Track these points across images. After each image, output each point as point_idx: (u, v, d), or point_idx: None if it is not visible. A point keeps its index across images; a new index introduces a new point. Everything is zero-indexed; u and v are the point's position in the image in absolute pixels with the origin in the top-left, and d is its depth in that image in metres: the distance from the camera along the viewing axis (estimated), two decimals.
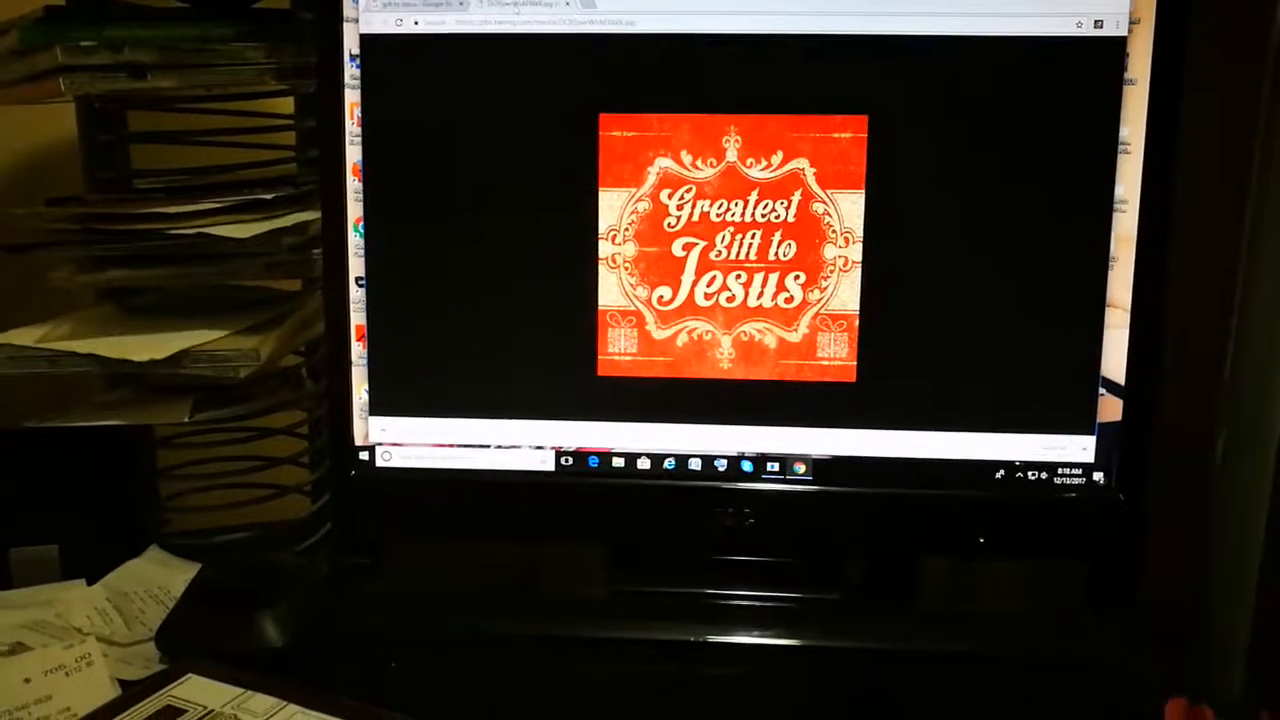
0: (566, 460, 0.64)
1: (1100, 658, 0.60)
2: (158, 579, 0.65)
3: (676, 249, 0.61)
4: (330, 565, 0.68)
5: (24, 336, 0.65)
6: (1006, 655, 0.60)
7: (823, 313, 0.61)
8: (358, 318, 0.63)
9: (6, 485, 0.66)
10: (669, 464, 0.63)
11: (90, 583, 0.65)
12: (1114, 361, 0.60)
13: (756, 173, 0.60)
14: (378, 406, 0.64)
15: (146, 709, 0.48)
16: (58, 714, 0.51)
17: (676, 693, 0.58)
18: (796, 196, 0.60)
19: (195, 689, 0.49)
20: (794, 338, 0.61)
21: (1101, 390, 0.60)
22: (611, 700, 0.57)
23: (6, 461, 0.66)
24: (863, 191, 0.59)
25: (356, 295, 0.63)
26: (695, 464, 0.63)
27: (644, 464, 0.63)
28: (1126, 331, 0.59)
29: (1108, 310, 0.59)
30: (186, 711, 0.47)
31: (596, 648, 0.60)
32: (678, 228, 0.61)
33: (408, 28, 0.60)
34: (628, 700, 0.57)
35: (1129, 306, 0.59)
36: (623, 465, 0.63)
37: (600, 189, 0.61)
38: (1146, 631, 0.60)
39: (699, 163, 0.60)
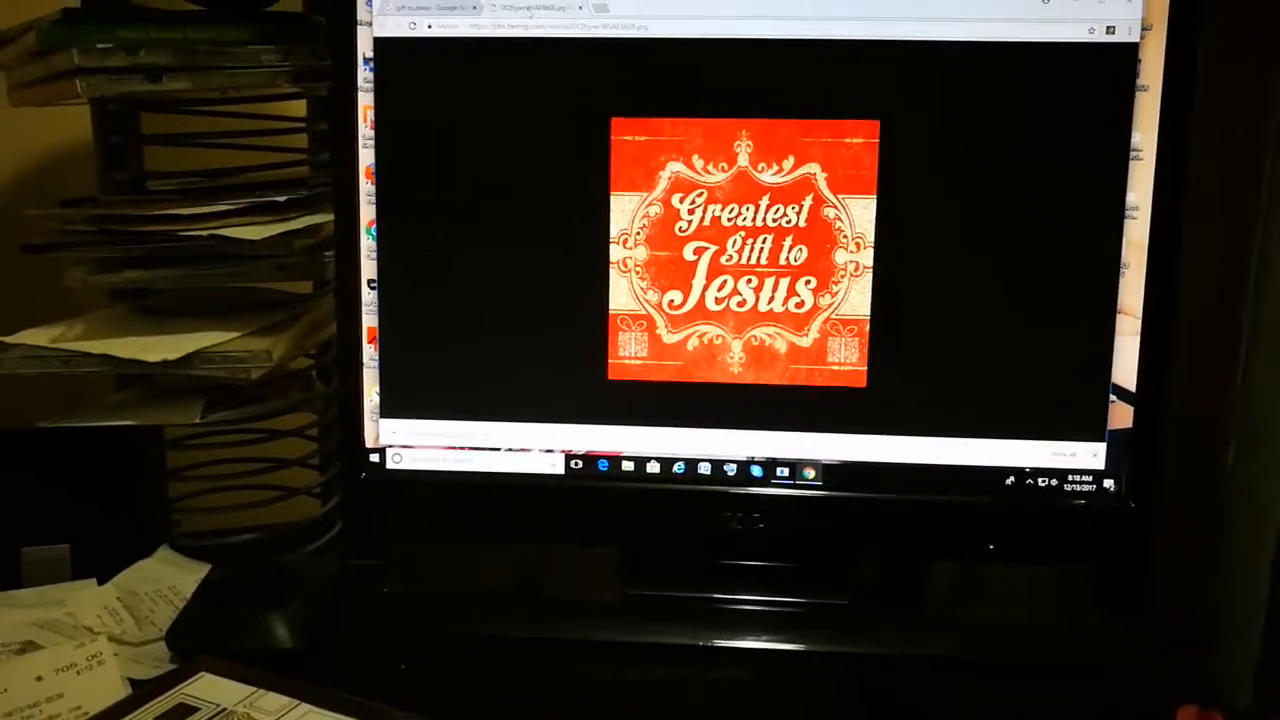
0: (576, 463, 0.64)
1: (1110, 664, 0.59)
2: (168, 579, 0.65)
3: (688, 253, 0.61)
4: (340, 567, 0.68)
5: (38, 336, 0.65)
6: (1015, 661, 0.59)
7: (833, 318, 0.61)
8: (369, 320, 0.63)
9: (18, 485, 0.66)
10: (678, 468, 0.63)
11: (101, 582, 0.65)
12: (1125, 368, 0.60)
13: (768, 177, 0.60)
14: (389, 409, 0.64)
15: (159, 706, 0.48)
16: (69, 712, 0.51)
17: (684, 697, 0.58)
18: (808, 201, 0.60)
19: (207, 687, 0.49)
20: (804, 342, 0.61)
21: (1112, 397, 0.60)
22: (619, 704, 0.57)
23: (18, 462, 0.66)
24: (874, 196, 0.59)
25: (368, 298, 0.63)
26: (705, 468, 0.63)
27: (654, 468, 0.63)
28: (1137, 338, 0.59)
29: (1119, 317, 0.59)
30: (199, 709, 0.47)
31: (605, 651, 0.60)
32: (689, 232, 0.61)
33: (421, 31, 0.61)
34: (636, 704, 0.57)
35: (1140, 313, 0.59)
36: (632, 469, 0.63)
37: (612, 193, 0.61)
38: (1157, 638, 0.60)
39: (710, 167, 0.60)
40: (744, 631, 0.62)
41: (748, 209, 0.60)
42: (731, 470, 0.63)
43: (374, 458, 0.64)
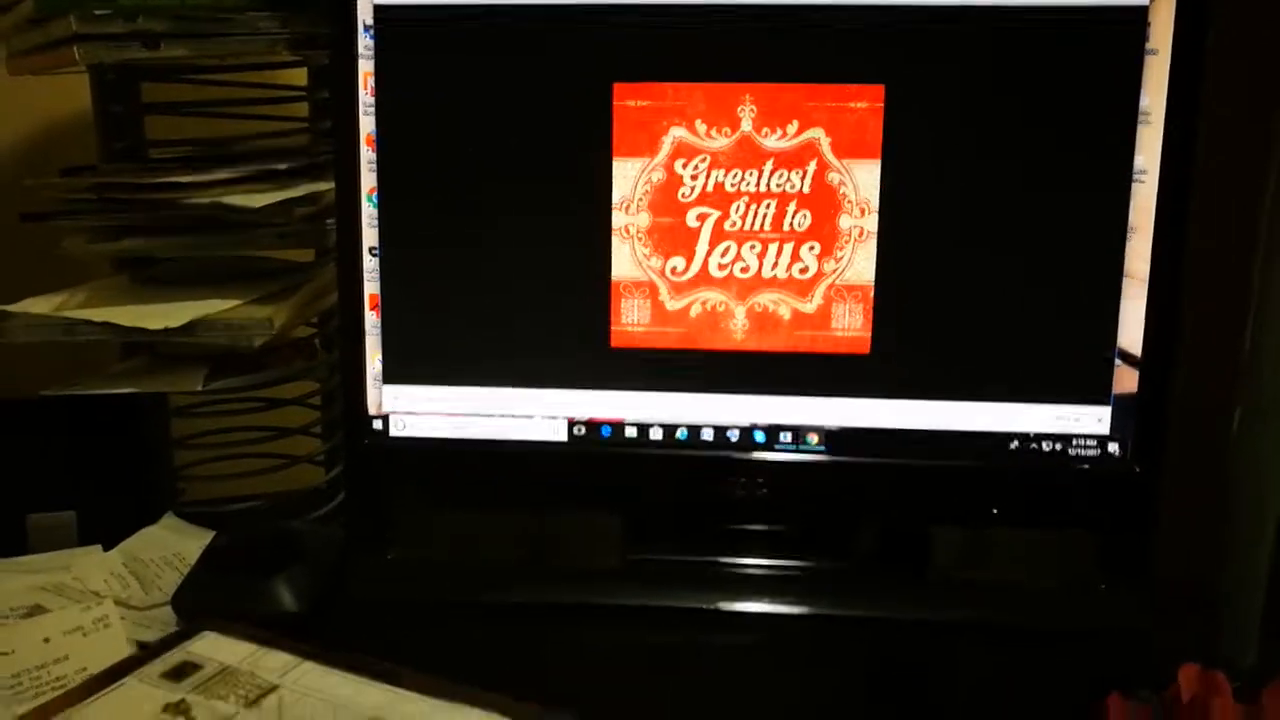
0: (579, 430, 0.64)
1: (1113, 627, 0.59)
2: (173, 545, 0.65)
3: (690, 219, 0.61)
4: (344, 534, 0.68)
5: (41, 305, 0.65)
6: (1018, 625, 0.60)
7: (838, 283, 0.61)
8: (371, 287, 0.63)
9: (24, 453, 0.66)
10: (681, 434, 0.63)
11: (106, 549, 0.66)
12: (1131, 332, 0.59)
13: (771, 142, 0.60)
14: (391, 375, 0.64)
15: (163, 664, 0.48)
16: (75, 674, 0.51)
17: (689, 660, 0.58)
18: (812, 166, 0.60)
19: (211, 646, 0.49)
20: (808, 308, 0.61)
21: (1118, 361, 0.60)
22: (624, 668, 0.57)
23: (24, 430, 0.67)
24: (879, 161, 0.59)
25: (370, 265, 0.62)
26: (708, 434, 0.63)
27: (657, 434, 0.63)
28: (1144, 302, 0.59)
29: (1125, 281, 0.59)
30: (203, 667, 0.48)
31: (609, 615, 0.61)
32: (692, 198, 0.60)
33: None
34: (640, 667, 0.57)
35: (1147, 277, 0.59)
36: (635, 435, 0.63)
37: (614, 159, 0.60)
38: (1161, 601, 0.60)
39: (713, 132, 0.60)
40: (747, 595, 0.62)
41: (751, 174, 0.60)
42: (734, 436, 0.63)
43: (377, 425, 0.64)
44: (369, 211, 0.62)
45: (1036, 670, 0.56)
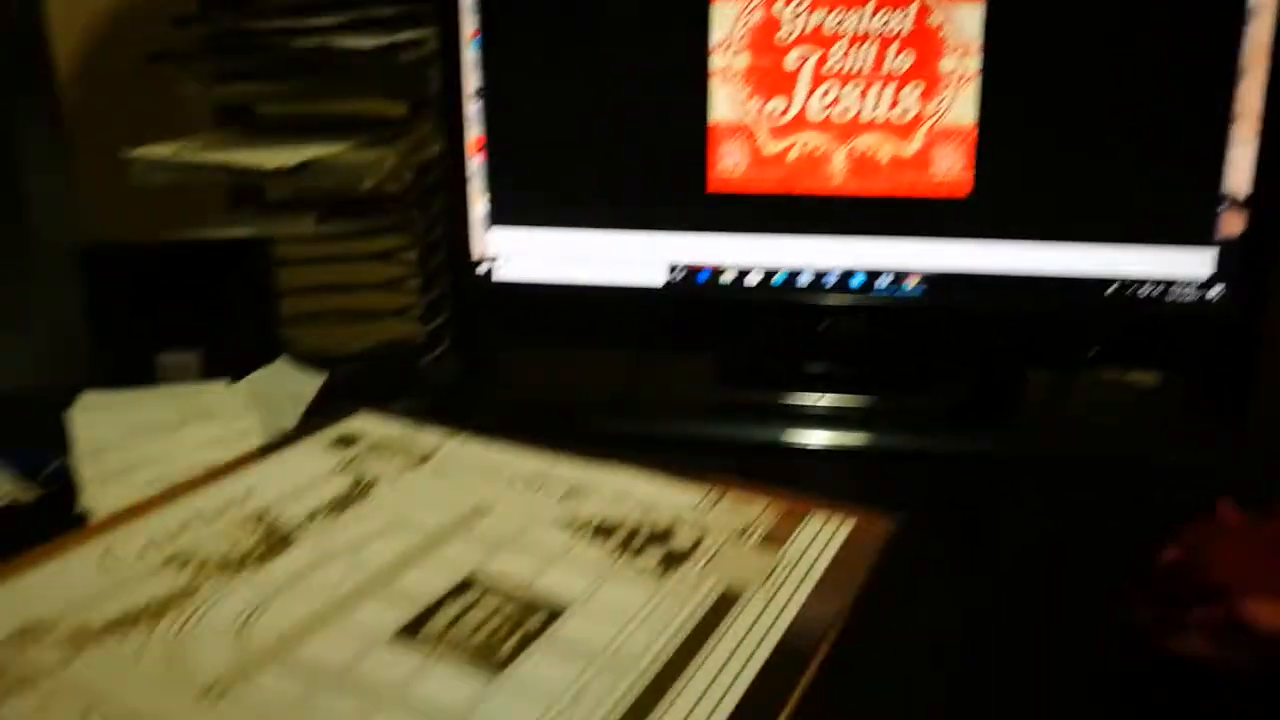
0: (677, 274, 0.65)
1: (1207, 465, 0.59)
2: (292, 382, 0.69)
3: (790, 61, 0.61)
4: (451, 375, 0.71)
5: (159, 151, 0.68)
6: (1113, 458, 0.59)
7: (938, 126, 0.61)
8: (475, 131, 0.64)
9: (151, 294, 0.69)
10: (778, 279, 0.65)
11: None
12: (1239, 174, 0.59)
13: None
14: (496, 219, 0.66)
15: (328, 435, 0.50)
16: None
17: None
18: (914, 7, 0.59)
19: (369, 422, 0.51)
20: (908, 151, 0.61)
21: (1224, 204, 0.59)
22: None
23: (151, 271, 0.70)
24: (982, 2, 0.58)
25: (474, 109, 0.64)
26: (805, 278, 0.64)
27: (754, 278, 0.65)
28: (1255, 144, 0.58)
29: (1235, 122, 0.58)
30: (364, 437, 0.50)
31: (703, 447, 0.62)
32: (790, 39, 0.60)
33: None
34: None
35: (1259, 118, 0.58)
36: (732, 280, 0.65)
37: (712, 0, 0.60)
38: (1257, 445, 0.60)
39: None
40: (839, 431, 0.63)
41: (853, 15, 0.59)
42: (831, 280, 0.64)
43: (481, 268, 0.66)
44: (472, 55, 0.63)
45: (1127, 502, 0.56)
